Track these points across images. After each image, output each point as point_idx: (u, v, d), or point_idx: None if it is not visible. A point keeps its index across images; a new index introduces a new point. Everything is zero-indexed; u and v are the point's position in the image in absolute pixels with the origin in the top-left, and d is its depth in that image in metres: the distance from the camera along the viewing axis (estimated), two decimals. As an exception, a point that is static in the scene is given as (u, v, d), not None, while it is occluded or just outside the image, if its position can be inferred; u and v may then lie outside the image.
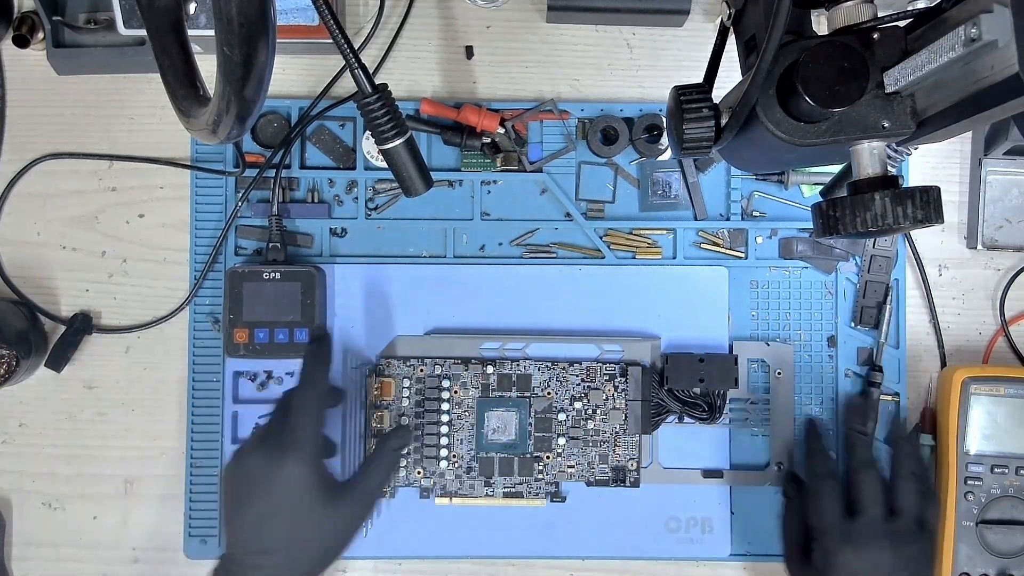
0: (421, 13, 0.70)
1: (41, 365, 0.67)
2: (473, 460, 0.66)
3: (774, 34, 0.38)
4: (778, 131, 0.41)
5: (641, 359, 0.67)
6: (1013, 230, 0.69)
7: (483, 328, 0.68)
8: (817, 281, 0.69)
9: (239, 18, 0.39)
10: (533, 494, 0.66)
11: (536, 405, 0.66)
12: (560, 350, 0.67)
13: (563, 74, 0.70)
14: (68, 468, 0.69)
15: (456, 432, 0.66)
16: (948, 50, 0.36)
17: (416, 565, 0.68)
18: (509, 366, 0.66)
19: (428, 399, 0.66)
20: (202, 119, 0.47)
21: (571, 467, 0.66)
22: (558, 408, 0.66)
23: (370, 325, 0.68)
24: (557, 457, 0.66)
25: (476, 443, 0.66)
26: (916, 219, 0.39)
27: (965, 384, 0.66)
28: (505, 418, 0.66)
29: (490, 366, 0.66)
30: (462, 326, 0.68)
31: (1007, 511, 0.65)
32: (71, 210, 0.69)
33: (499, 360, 0.66)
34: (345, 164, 0.69)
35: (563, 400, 0.66)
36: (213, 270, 0.68)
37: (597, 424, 0.66)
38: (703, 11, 0.70)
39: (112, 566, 0.68)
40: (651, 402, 0.66)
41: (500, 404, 0.66)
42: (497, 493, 0.66)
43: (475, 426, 0.66)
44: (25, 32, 0.67)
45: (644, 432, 0.66)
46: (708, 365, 0.66)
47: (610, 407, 0.66)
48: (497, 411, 0.66)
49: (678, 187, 0.69)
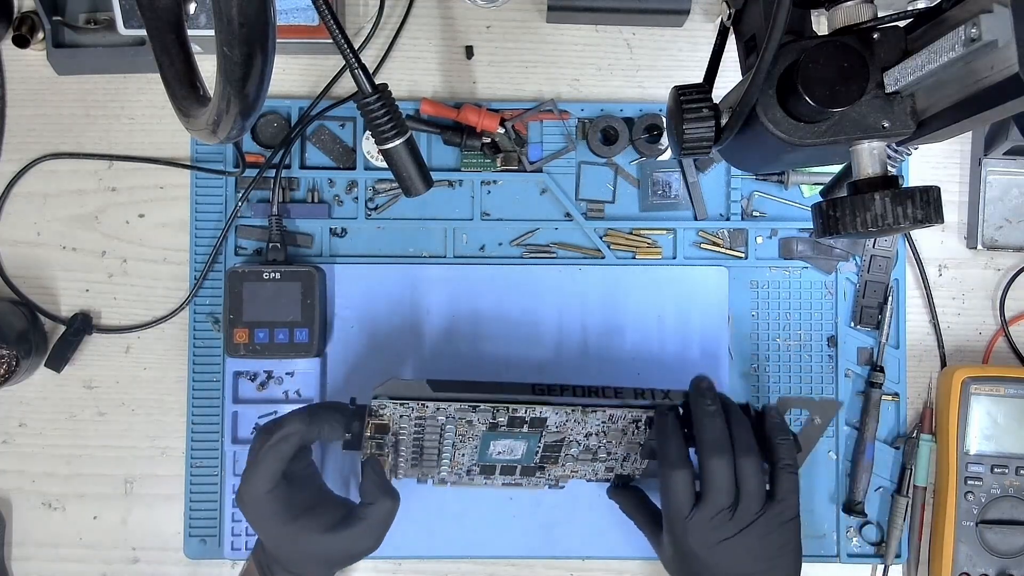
0: (421, 13, 0.70)
1: (41, 365, 0.67)
2: (474, 466, 0.63)
3: (774, 34, 0.38)
4: (778, 131, 0.41)
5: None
6: (1013, 230, 0.69)
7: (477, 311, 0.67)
8: (817, 281, 0.69)
9: (239, 18, 0.39)
10: (533, 485, 0.65)
11: (547, 438, 0.60)
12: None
13: (563, 74, 0.70)
14: (68, 468, 0.69)
15: (458, 449, 0.61)
16: (948, 50, 0.36)
17: (416, 565, 0.68)
18: (522, 409, 0.58)
19: (428, 435, 0.59)
20: (202, 119, 0.47)
21: (575, 472, 0.64)
22: (571, 440, 0.61)
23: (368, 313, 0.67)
24: (562, 467, 0.63)
25: (479, 456, 0.62)
26: (916, 219, 0.39)
27: (965, 384, 0.66)
28: (512, 446, 0.61)
29: (501, 413, 0.58)
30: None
31: (1007, 511, 0.65)
32: (71, 210, 0.69)
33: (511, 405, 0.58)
34: (345, 164, 0.69)
35: (578, 435, 0.61)
36: (213, 270, 0.68)
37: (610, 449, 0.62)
38: (703, 11, 0.70)
39: (112, 566, 0.68)
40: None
41: (507, 436, 0.60)
42: (496, 483, 0.65)
43: (478, 448, 0.61)
44: (25, 32, 0.67)
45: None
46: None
47: (627, 441, 0.61)
48: (503, 441, 0.60)
49: (678, 187, 0.69)
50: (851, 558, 0.68)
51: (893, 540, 0.67)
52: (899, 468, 0.68)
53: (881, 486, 0.68)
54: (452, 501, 0.67)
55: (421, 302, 0.68)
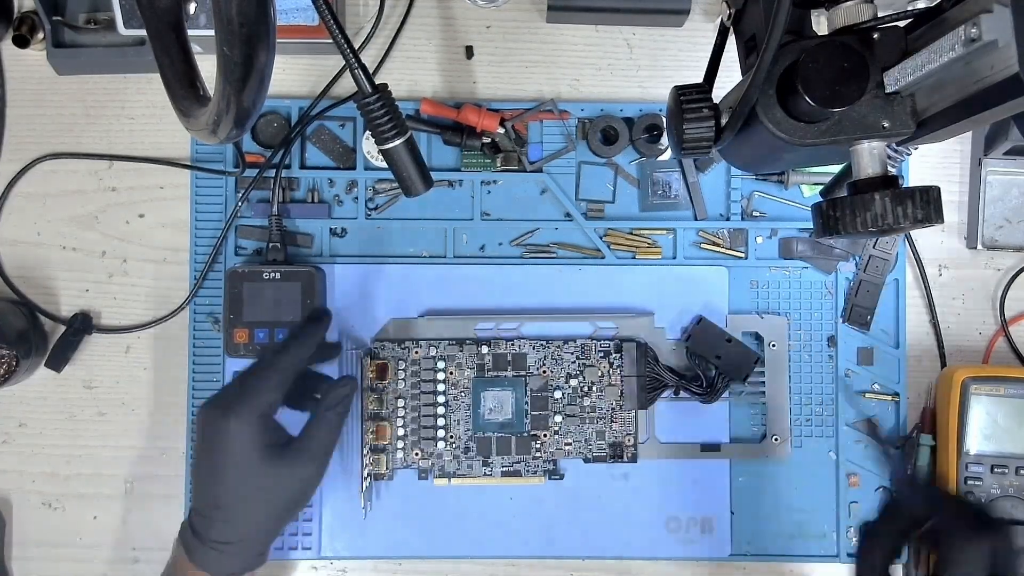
0: (421, 13, 0.70)
1: (41, 365, 0.67)
2: (471, 440, 0.66)
3: (774, 34, 0.38)
4: (778, 131, 0.41)
5: (635, 335, 0.67)
6: (1013, 230, 0.69)
7: (478, 309, 0.68)
8: (817, 281, 0.69)
9: (239, 18, 0.39)
10: (531, 472, 0.66)
11: (532, 384, 0.67)
12: (555, 328, 0.67)
13: (563, 74, 0.70)
14: (68, 468, 0.69)
15: (453, 413, 0.67)
16: (948, 50, 0.36)
17: (416, 565, 0.69)
18: (504, 346, 0.67)
19: (424, 380, 0.67)
20: (202, 119, 0.47)
21: (568, 444, 0.67)
22: (554, 386, 0.67)
23: (368, 313, 0.68)
24: (555, 435, 0.67)
25: (473, 423, 0.66)
26: (916, 219, 0.39)
27: (965, 384, 0.66)
28: (501, 398, 0.66)
29: (484, 346, 0.67)
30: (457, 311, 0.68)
31: (1007, 511, 0.65)
32: (71, 210, 0.69)
33: (494, 340, 0.67)
34: (345, 164, 0.69)
35: (559, 378, 0.67)
36: (213, 270, 0.68)
37: (593, 401, 0.67)
38: (703, 11, 0.70)
39: (112, 566, 0.68)
40: (646, 377, 0.67)
41: (496, 384, 0.67)
42: (495, 472, 0.66)
43: (471, 407, 0.66)
44: (25, 32, 0.67)
45: (640, 407, 0.67)
46: (732, 348, 0.66)
47: (605, 383, 0.67)
48: (493, 391, 0.66)
49: (678, 187, 0.69)
50: (851, 558, 0.68)
51: (893, 540, 0.67)
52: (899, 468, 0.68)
53: (881, 486, 0.68)
54: (452, 501, 0.67)
55: (421, 302, 0.68)
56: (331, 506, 0.67)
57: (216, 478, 0.56)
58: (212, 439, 0.56)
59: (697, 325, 0.67)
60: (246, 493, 0.56)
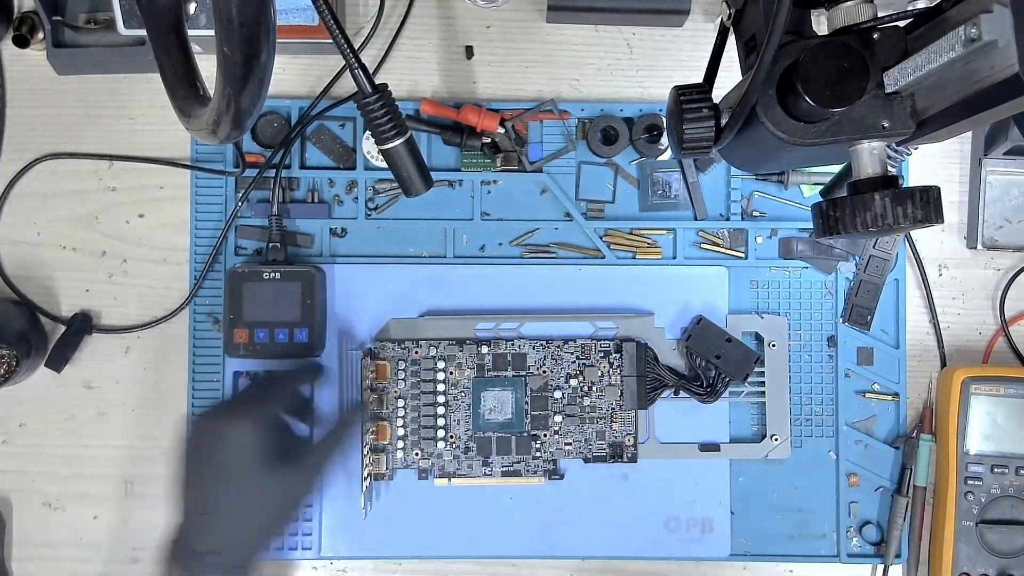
0: (421, 13, 0.70)
1: (41, 365, 0.67)
2: (471, 440, 0.66)
3: (774, 34, 0.38)
4: (778, 131, 0.41)
5: (635, 335, 0.67)
6: (1013, 230, 0.69)
7: (478, 309, 0.68)
8: (817, 281, 0.69)
9: (239, 18, 0.39)
10: (531, 472, 0.67)
11: (532, 384, 0.67)
12: (555, 328, 0.68)
13: (563, 74, 0.70)
14: (68, 468, 0.69)
15: (453, 412, 0.67)
16: (948, 50, 0.36)
17: (416, 565, 0.69)
18: (504, 346, 0.67)
19: (424, 380, 0.67)
20: (202, 119, 0.47)
21: (568, 444, 0.67)
22: (553, 386, 0.67)
23: (367, 313, 0.68)
24: (554, 435, 0.67)
25: (473, 423, 0.66)
26: (916, 219, 0.39)
27: (965, 384, 0.66)
28: (501, 398, 0.66)
29: (485, 346, 0.67)
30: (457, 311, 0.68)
31: (1007, 511, 0.65)
32: (71, 210, 0.69)
33: (494, 340, 0.67)
34: (345, 164, 0.69)
35: (558, 378, 0.67)
36: (213, 270, 0.68)
37: (593, 401, 0.67)
38: (703, 11, 0.70)
39: (112, 566, 0.68)
40: (646, 377, 0.67)
41: (496, 384, 0.67)
42: (495, 472, 0.66)
43: (471, 407, 0.66)
44: (25, 32, 0.67)
45: (640, 407, 0.67)
46: (732, 348, 0.66)
47: (605, 383, 0.67)
48: (493, 391, 0.66)
49: (678, 187, 0.69)
50: (851, 558, 0.68)
51: (893, 540, 0.67)
52: (899, 468, 0.68)
53: (881, 486, 0.68)
54: (452, 501, 0.67)
55: (421, 302, 0.68)
56: (331, 506, 0.67)
57: (212, 486, 0.56)
58: (212, 447, 0.56)
59: (697, 325, 0.67)
60: (242, 501, 0.56)
